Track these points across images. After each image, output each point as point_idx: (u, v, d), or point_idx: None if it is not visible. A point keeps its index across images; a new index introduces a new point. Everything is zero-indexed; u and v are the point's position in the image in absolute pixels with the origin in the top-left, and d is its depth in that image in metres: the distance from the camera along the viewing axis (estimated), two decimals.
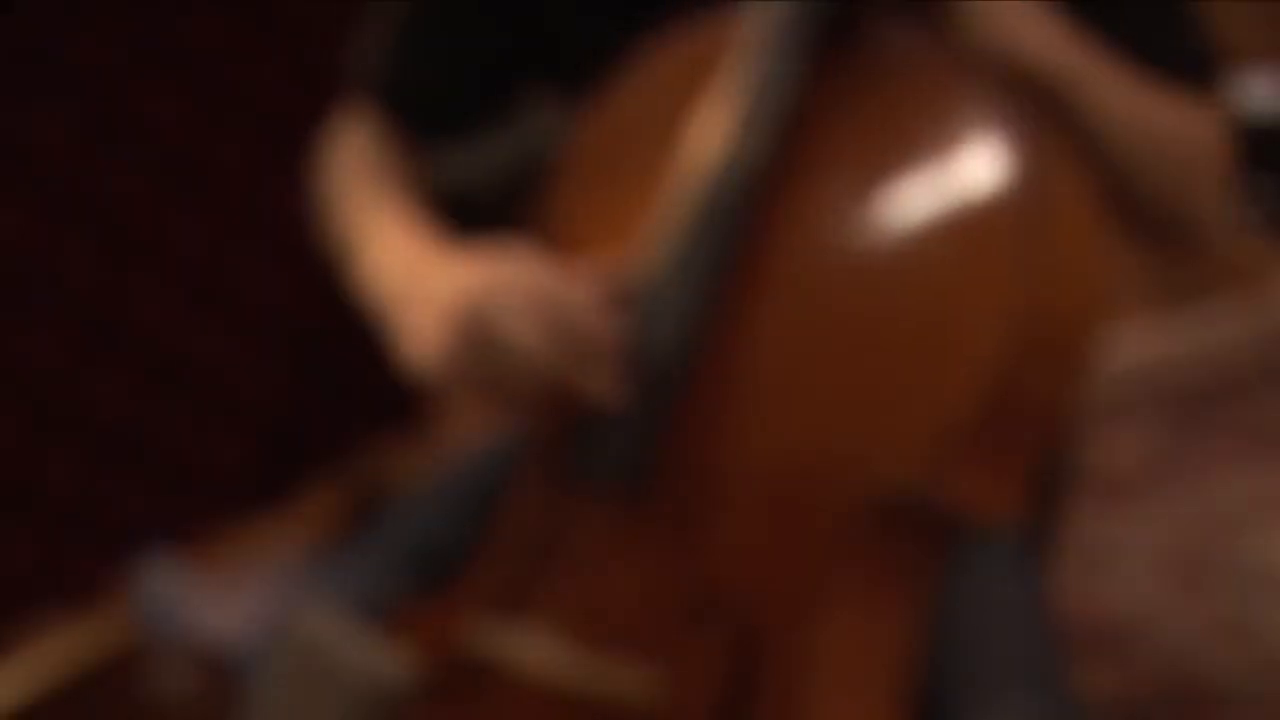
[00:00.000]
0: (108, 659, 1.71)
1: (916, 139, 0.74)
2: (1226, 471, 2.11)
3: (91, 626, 1.70)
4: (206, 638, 1.72)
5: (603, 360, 0.73)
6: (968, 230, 0.71)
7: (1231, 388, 2.35)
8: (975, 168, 0.72)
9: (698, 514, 0.73)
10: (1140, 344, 2.50)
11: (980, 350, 0.68)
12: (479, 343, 0.73)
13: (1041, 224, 0.70)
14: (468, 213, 1.03)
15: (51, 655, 1.70)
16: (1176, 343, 2.50)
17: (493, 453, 1.09)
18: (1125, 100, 0.84)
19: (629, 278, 0.75)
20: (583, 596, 0.74)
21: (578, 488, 0.75)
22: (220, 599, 1.80)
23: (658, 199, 0.77)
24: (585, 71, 0.89)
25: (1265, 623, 1.78)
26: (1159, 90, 0.88)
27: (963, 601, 0.86)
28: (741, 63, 0.77)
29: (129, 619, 1.66)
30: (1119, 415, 2.27)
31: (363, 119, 1.04)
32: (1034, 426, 0.74)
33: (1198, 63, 0.94)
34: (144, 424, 1.66)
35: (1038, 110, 0.78)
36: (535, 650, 0.72)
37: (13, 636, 1.61)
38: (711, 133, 0.76)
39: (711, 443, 0.73)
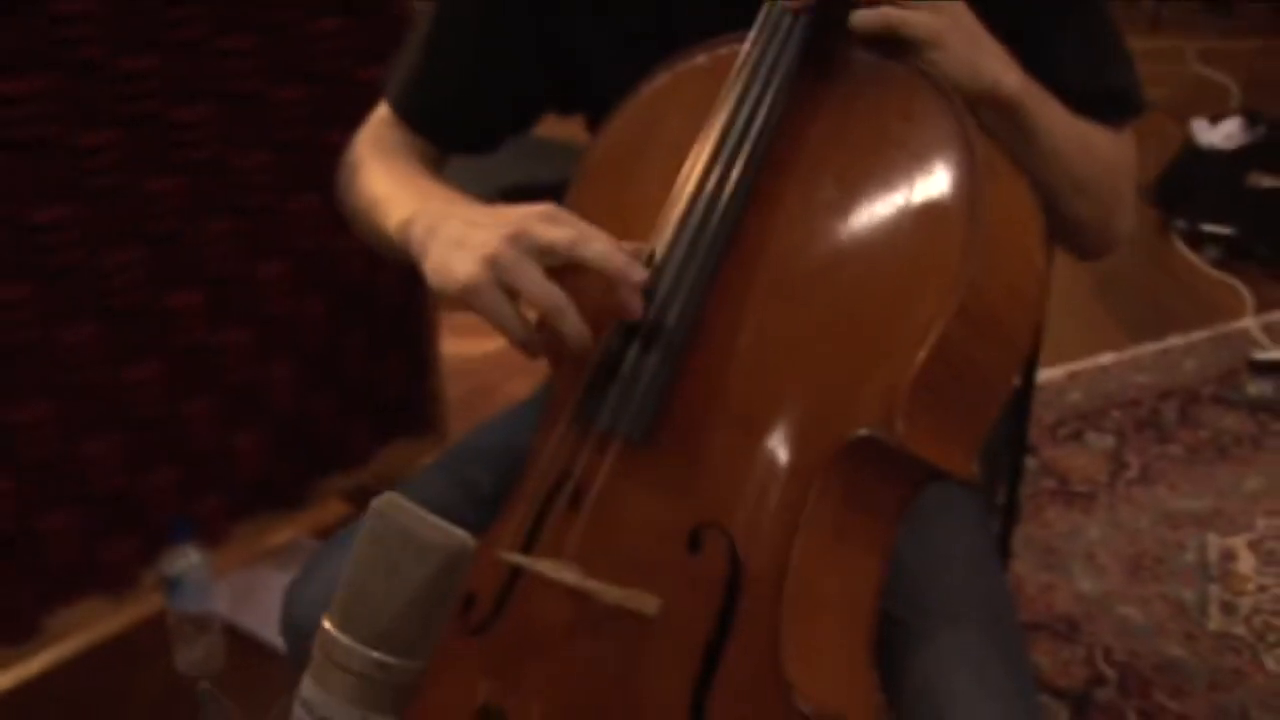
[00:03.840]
0: (142, 635, 1.82)
1: (883, 145, 0.85)
2: (1177, 480, 2.24)
3: (129, 607, 1.80)
4: (227, 619, 1.82)
5: (632, 285, 0.83)
6: (925, 221, 0.83)
7: (1185, 408, 2.47)
8: (931, 170, 0.84)
9: (697, 456, 0.84)
10: (1114, 370, 2.63)
11: (930, 319, 0.79)
12: (530, 248, 0.81)
13: (985, 219, 0.82)
14: None
15: (93, 632, 1.80)
16: (1142, 370, 2.63)
17: (513, 414, 1.20)
18: (1065, 123, 0.96)
19: (644, 251, 0.87)
20: (598, 527, 0.85)
21: (596, 433, 0.86)
22: (240, 585, 1.91)
23: (668, 196, 0.89)
24: (609, 102, 0.98)
25: (1208, 612, 1.90)
26: (1089, 119, 1.01)
27: (922, 542, 0.97)
28: (738, 82, 0.90)
29: (162, 601, 1.76)
30: (1089, 426, 2.40)
31: (388, 125, 1.15)
32: (975, 391, 0.85)
33: (1124, 96, 1.07)
34: (180, 428, 1.75)
35: (996, 126, 0.91)
36: (558, 571, 0.84)
37: (60, 616, 1.71)
38: (713, 140, 0.88)
39: (710, 395, 0.84)
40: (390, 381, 2.04)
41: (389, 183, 1.04)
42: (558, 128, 1.30)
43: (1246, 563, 2.00)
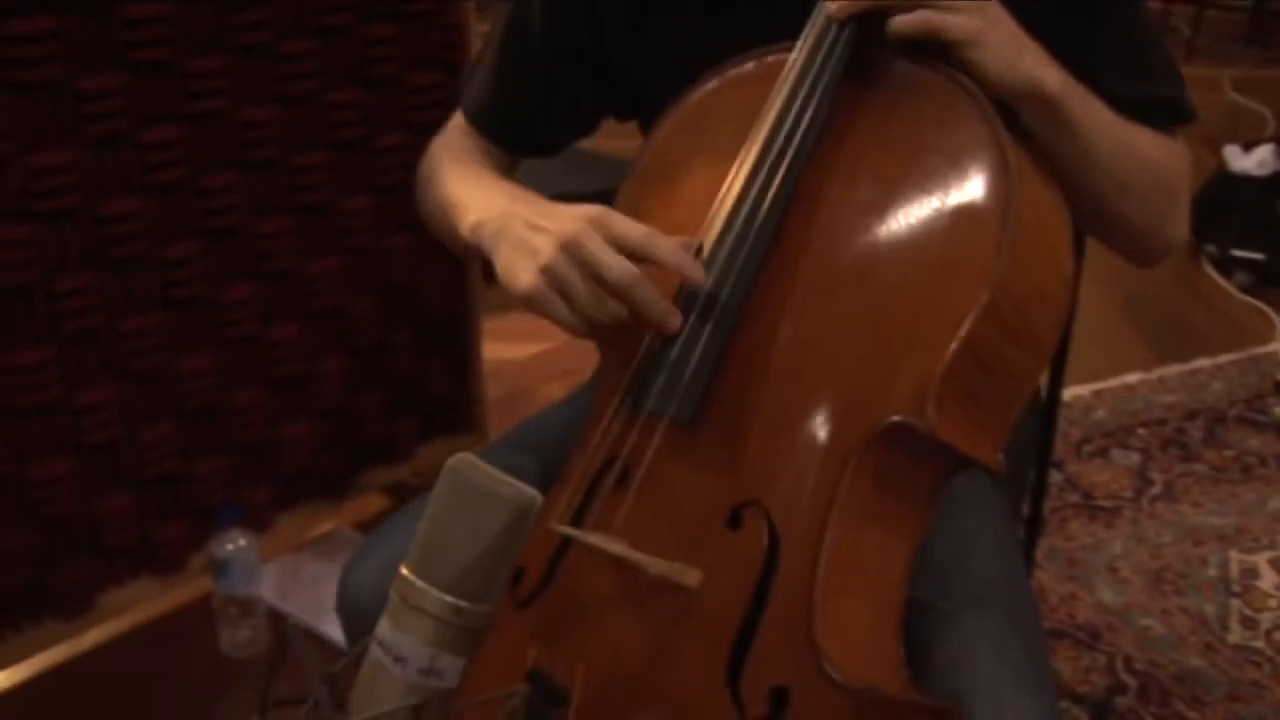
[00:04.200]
0: (189, 616, 1.88)
1: (920, 149, 0.90)
2: (1201, 498, 2.27)
3: (178, 588, 1.86)
4: (272, 604, 1.88)
5: (691, 272, 0.88)
6: (958, 221, 0.88)
7: (1211, 428, 2.50)
8: (965, 174, 0.89)
9: (739, 437, 0.89)
10: (1141, 390, 2.66)
11: (961, 314, 0.84)
12: (582, 265, 0.87)
13: (1016, 221, 0.87)
14: None
15: (143, 611, 1.86)
16: (1168, 390, 2.66)
17: (556, 409, 1.26)
18: (1107, 121, 0.99)
19: (697, 245, 0.92)
20: (644, 503, 0.91)
21: (645, 415, 0.91)
22: (284, 568, 1.97)
23: (716, 195, 0.94)
24: (657, 105, 1.05)
25: (1229, 625, 1.93)
26: (1136, 122, 1.05)
27: (949, 533, 1.01)
28: (784, 88, 0.95)
29: (210, 583, 1.83)
30: (1114, 444, 2.43)
31: (462, 133, 1.21)
32: (1002, 383, 0.90)
33: (1171, 105, 1.11)
34: (231, 417, 1.82)
35: (1038, 124, 0.96)
36: (607, 542, 0.89)
37: (113, 594, 1.77)
38: (760, 142, 0.94)
39: (752, 381, 0.89)
40: (434, 381, 2.10)
41: (462, 186, 1.10)
42: (601, 142, 1.37)
43: (1268, 579, 2.03)
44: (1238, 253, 3.17)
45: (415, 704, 0.62)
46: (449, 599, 0.63)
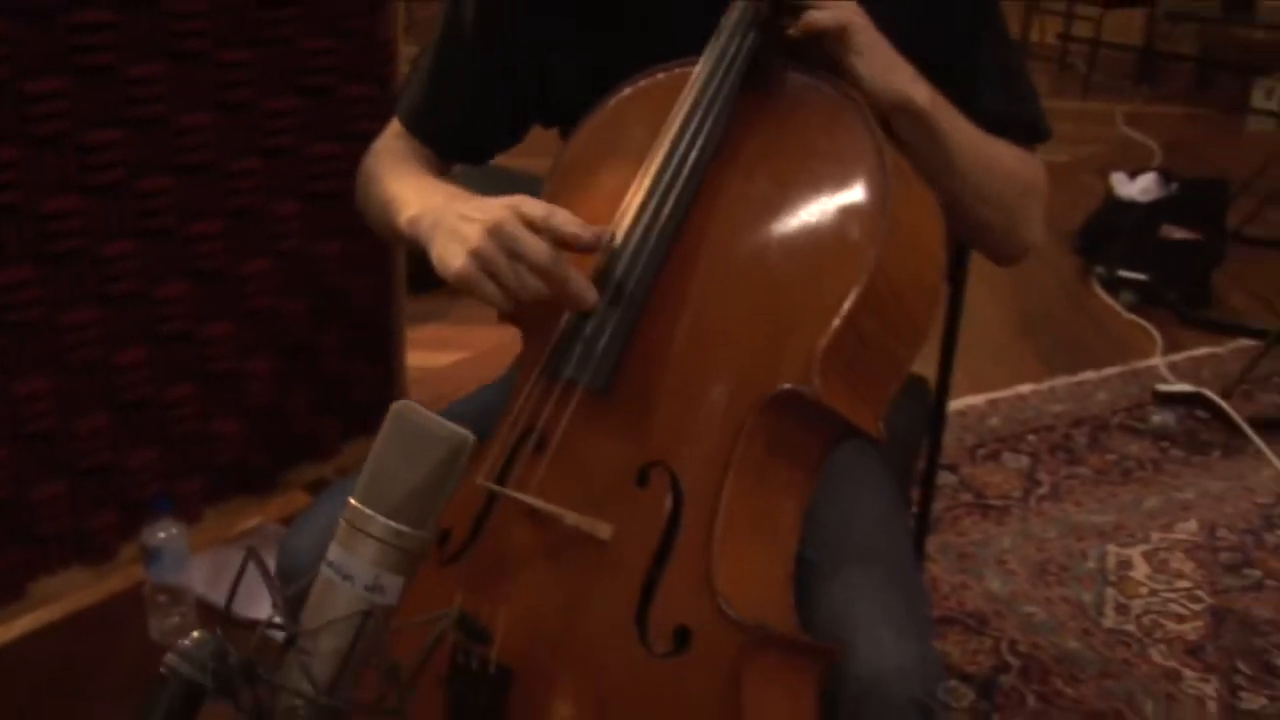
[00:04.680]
0: (119, 605, 1.93)
1: (809, 151, 1.01)
2: (1084, 498, 2.42)
3: (109, 577, 1.91)
4: (200, 589, 1.94)
5: (582, 280, 0.97)
6: (842, 213, 0.99)
7: (1095, 435, 2.66)
8: (849, 172, 1.00)
9: (646, 404, 0.98)
10: (1032, 399, 2.81)
11: (843, 294, 0.95)
12: (508, 247, 0.96)
13: (892, 213, 0.98)
14: None
15: (75, 600, 1.91)
16: (1057, 400, 2.82)
17: (481, 391, 1.35)
18: (970, 135, 1.12)
19: (610, 233, 1.02)
20: (560, 464, 1.00)
21: (561, 384, 1.00)
22: (212, 560, 2.02)
23: (628, 190, 1.04)
24: (577, 114, 1.16)
25: (1104, 611, 2.07)
26: (1000, 137, 1.17)
27: (837, 500, 1.12)
28: (690, 96, 1.05)
29: (141, 571, 1.88)
30: (1006, 448, 2.58)
31: (399, 137, 1.30)
32: (881, 358, 1.01)
33: (1032, 125, 1.24)
34: (163, 410, 1.88)
35: (908, 133, 1.08)
36: (529, 498, 0.98)
37: (44, 583, 1.82)
38: (668, 143, 1.04)
39: (659, 353, 0.99)
40: (359, 383, 2.17)
41: (399, 185, 1.19)
42: (516, 159, 1.46)
43: (1140, 570, 2.18)
44: (1124, 273, 3.36)
45: (363, 611, 0.71)
46: (392, 524, 0.72)
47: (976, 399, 2.76)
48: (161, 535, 1.83)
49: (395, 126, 1.30)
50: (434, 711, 0.99)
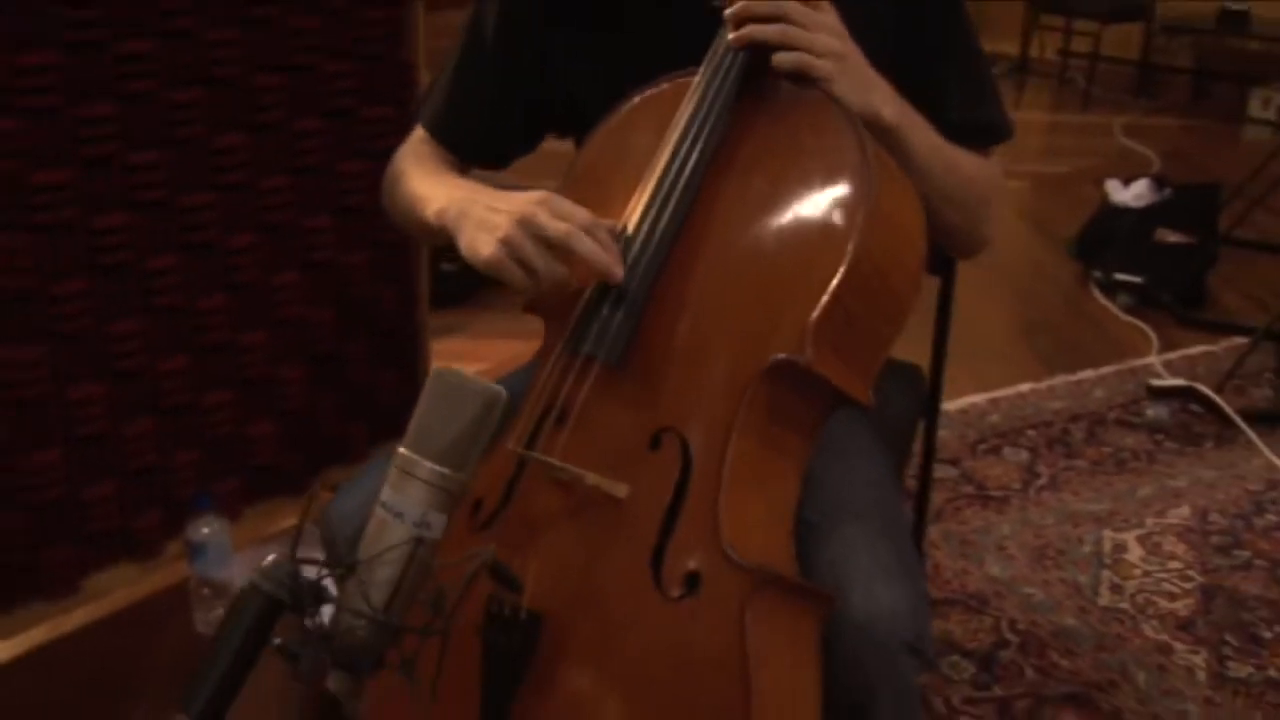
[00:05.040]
0: (165, 600, 2.04)
1: (801, 146, 1.13)
2: (1080, 488, 2.52)
3: (156, 573, 2.02)
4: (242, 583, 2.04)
5: (614, 262, 1.08)
6: (830, 202, 1.10)
7: (1092, 429, 2.76)
8: (835, 167, 1.11)
9: (657, 376, 1.09)
10: (1032, 397, 2.92)
11: (831, 274, 1.06)
12: (535, 235, 1.07)
13: (875, 201, 1.09)
14: None
15: (124, 595, 2.02)
16: (1056, 398, 2.92)
17: (504, 377, 1.46)
18: (936, 145, 1.23)
19: (621, 227, 1.13)
20: (580, 432, 1.11)
21: (581, 360, 1.11)
22: (253, 557, 2.13)
23: (638, 188, 1.16)
24: (590, 121, 1.27)
25: (1100, 591, 2.17)
26: (964, 145, 1.29)
27: (834, 467, 1.22)
28: (691, 103, 1.17)
29: (185, 567, 1.99)
30: (1006, 443, 2.68)
31: (422, 142, 1.42)
32: (867, 332, 1.12)
33: (995, 128, 1.36)
34: (203, 415, 1.99)
35: (880, 142, 1.19)
36: (554, 460, 1.09)
37: (95, 579, 1.93)
38: (672, 145, 1.15)
39: (668, 330, 1.09)
40: (384, 390, 2.28)
41: (426, 183, 1.30)
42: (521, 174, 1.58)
43: (1135, 553, 2.27)
44: (1120, 277, 3.46)
45: (415, 538, 0.82)
46: (437, 467, 0.83)
47: (978, 398, 2.86)
48: (205, 531, 1.94)
49: (419, 132, 1.42)
50: (471, 658, 1.09)
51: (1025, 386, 2.95)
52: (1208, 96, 6.14)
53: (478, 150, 1.41)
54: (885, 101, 1.17)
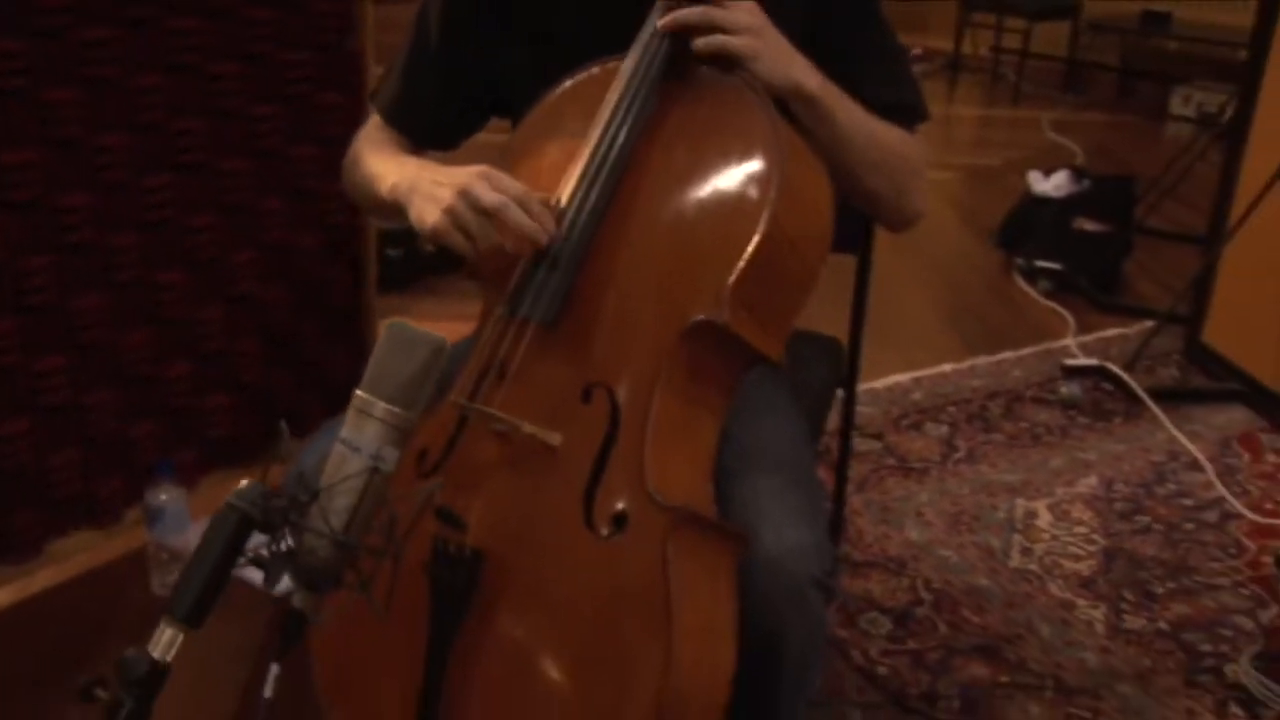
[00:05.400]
0: (124, 564, 2.12)
1: (720, 127, 1.24)
2: (997, 460, 2.65)
3: (115, 539, 2.11)
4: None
5: (544, 228, 1.19)
6: (745, 176, 1.21)
7: (1009, 406, 2.90)
8: (750, 144, 1.22)
9: (588, 335, 1.20)
10: (953, 376, 3.05)
11: (746, 243, 1.17)
12: (473, 205, 1.18)
13: (786, 177, 1.20)
14: None
15: (85, 559, 2.10)
16: (976, 377, 3.06)
17: (458, 344, 1.56)
18: (859, 116, 1.34)
19: (555, 199, 1.24)
20: (518, 387, 1.21)
21: (518, 321, 1.21)
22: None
23: (570, 163, 1.26)
24: (525, 104, 1.38)
25: (1010, 554, 2.30)
26: (883, 120, 1.40)
27: (750, 422, 1.34)
28: (619, 86, 1.28)
29: (144, 534, 2.07)
30: (928, 419, 2.81)
31: (379, 128, 1.52)
32: (780, 295, 1.24)
33: (912, 108, 1.47)
34: (163, 386, 2.08)
35: (804, 115, 1.30)
36: (494, 411, 1.20)
37: (58, 545, 2.01)
38: (602, 124, 1.26)
39: (597, 293, 1.20)
40: (337, 365, 2.37)
41: (380, 163, 1.40)
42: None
43: (1044, 519, 2.41)
44: (1040, 263, 3.61)
45: (370, 469, 0.92)
46: (390, 407, 0.94)
47: (902, 376, 3.00)
48: (163, 497, 2.02)
49: (376, 119, 1.52)
50: (420, 594, 1.19)
51: (947, 366, 3.09)
52: (1132, 94, 6.34)
53: (428, 136, 1.51)
54: (806, 74, 1.28)
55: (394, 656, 1.20)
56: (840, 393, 1.87)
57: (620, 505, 1.16)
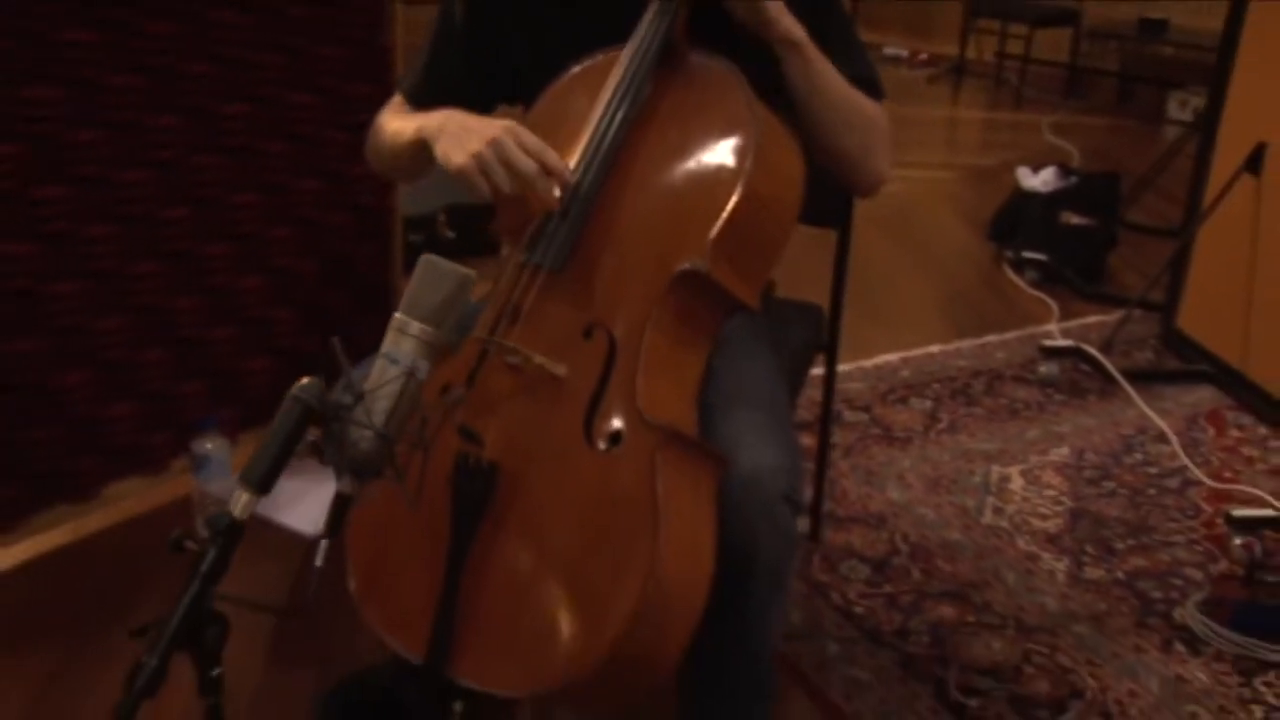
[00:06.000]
0: (172, 510, 2.33)
1: (705, 107, 1.45)
2: (976, 431, 2.84)
3: (163, 486, 2.32)
4: None
5: (557, 176, 1.39)
6: (727, 149, 1.41)
7: (991, 384, 3.09)
8: (733, 119, 1.42)
9: (591, 281, 1.40)
10: (940, 356, 3.24)
11: (725, 204, 1.37)
12: (502, 159, 1.36)
13: (763, 146, 1.41)
14: None
15: (137, 504, 2.31)
16: (962, 357, 3.25)
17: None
18: (835, 75, 1.52)
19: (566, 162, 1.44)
20: (529, 326, 1.41)
21: (530, 267, 1.42)
22: None
23: (579, 135, 1.47)
24: (535, 89, 1.59)
25: (984, 513, 2.49)
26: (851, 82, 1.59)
27: (731, 365, 1.54)
28: (619, 70, 1.48)
29: (189, 481, 2.28)
30: (914, 394, 3.00)
31: (401, 105, 1.72)
32: (756, 250, 1.44)
33: (871, 83, 1.66)
34: (209, 349, 2.29)
35: (791, 62, 1.49)
36: (510, 343, 1.40)
37: (113, 489, 2.23)
38: (605, 102, 1.46)
39: (599, 244, 1.40)
40: (364, 334, 2.56)
41: (403, 120, 1.60)
42: None
43: (1017, 483, 2.60)
44: (1028, 255, 3.80)
45: (407, 374, 1.12)
46: (424, 326, 1.14)
47: (892, 356, 3.19)
48: (208, 446, 2.23)
49: (397, 99, 1.72)
50: (444, 501, 1.39)
51: (934, 347, 3.28)
52: (1131, 98, 6.52)
53: None
54: (794, 24, 1.48)
55: (418, 558, 1.40)
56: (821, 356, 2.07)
57: (616, 424, 1.36)
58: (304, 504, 2.24)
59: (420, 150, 1.50)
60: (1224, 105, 3.09)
